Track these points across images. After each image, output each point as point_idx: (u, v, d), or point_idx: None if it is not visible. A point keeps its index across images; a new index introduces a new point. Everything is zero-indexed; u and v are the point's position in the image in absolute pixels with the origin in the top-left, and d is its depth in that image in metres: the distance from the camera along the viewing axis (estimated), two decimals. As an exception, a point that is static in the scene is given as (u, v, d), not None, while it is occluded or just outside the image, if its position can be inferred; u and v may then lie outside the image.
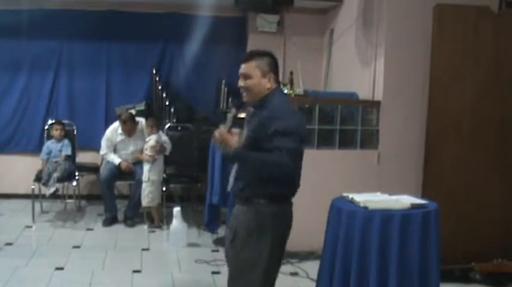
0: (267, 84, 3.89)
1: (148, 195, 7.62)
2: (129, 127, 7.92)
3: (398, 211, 3.66)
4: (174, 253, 6.76)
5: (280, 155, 3.60)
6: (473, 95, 6.41)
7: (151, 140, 7.70)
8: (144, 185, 7.64)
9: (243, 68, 3.92)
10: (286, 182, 3.86)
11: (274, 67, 3.98)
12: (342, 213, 3.74)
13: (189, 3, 8.71)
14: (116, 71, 9.20)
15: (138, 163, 7.89)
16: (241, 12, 9.05)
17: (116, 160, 7.95)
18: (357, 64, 7.46)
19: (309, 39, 9.06)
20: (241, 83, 3.93)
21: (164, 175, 8.03)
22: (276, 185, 3.79)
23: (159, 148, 7.73)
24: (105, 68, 9.17)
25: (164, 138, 7.96)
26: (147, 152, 7.68)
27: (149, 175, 7.63)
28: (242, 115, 4.03)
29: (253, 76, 3.88)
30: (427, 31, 6.46)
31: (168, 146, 7.95)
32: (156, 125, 7.83)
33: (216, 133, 3.73)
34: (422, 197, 4.57)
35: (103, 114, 9.12)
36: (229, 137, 3.75)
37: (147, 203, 7.66)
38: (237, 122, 3.97)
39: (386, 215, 3.62)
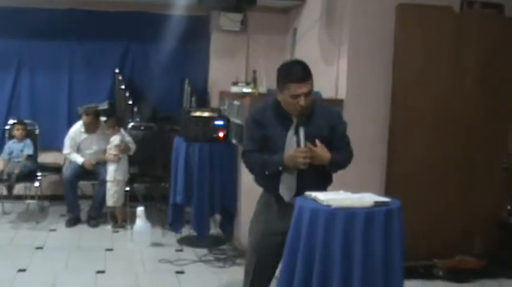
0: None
1: (114, 195, 7.58)
2: (91, 120, 7.85)
3: (362, 209, 3.66)
4: (138, 253, 6.73)
5: (349, 149, 4.35)
6: (436, 94, 6.48)
7: (116, 139, 7.64)
8: (109, 185, 7.59)
9: (305, 87, 4.07)
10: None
11: None
12: (304, 212, 3.73)
13: (152, 2, 8.69)
14: (79, 70, 9.09)
15: (102, 163, 7.83)
16: (205, 11, 9.02)
17: (78, 159, 7.89)
18: (320, 63, 7.47)
19: (272, 38, 9.06)
20: (304, 102, 4.06)
21: (128, 175, 7.98)
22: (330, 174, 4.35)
23: (124, 147, 7.68)
24: (67, 67, 9.06)
25: (128, 138, 7.91)
26: (112, 152, 7.62)
27: (115, 174, 7.58)
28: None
29: (311, 92, 4.15)
30: (390, 30, 6.50)
31: (133, 146, 7.91)
32: (118, 124, 7.78)
33: (302, 153, 4.04)
34: (386, 195, 4.59)
35: (65, 114, 9.01)
36: (318, 150, 4.06)
37: (112, 203, 7.61)
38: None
39: (350, 214, 3.62)
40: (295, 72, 4.13)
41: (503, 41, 6.73)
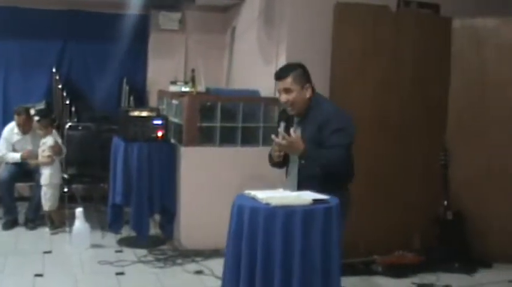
0: (307, 94, 4.31)
1: (50, 198, 7.43)
2: (23, 120, 7.68)
3: (301, 207, 3.69)
4: (77, 255, 6.64)
5: (339, 150, 4.12)
6: (374, 92, 6.56)
7: (49, 140, 7.49)
8: (45, 189, 7.42)
9: (282, 84, 4.31)
10: (345, 174, 4.33)
11: (308, 76, 4.40)
12: (244, 210, 3.73)
13: (90, 1, 8.59)
14: (14, 70, 8.90)
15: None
16: (143, 10, 8.95)
17: (16, 156, 7.71)
18: (258, 61, 7.50)
19: (211, 36, 9.06)
20: (283, 98, 4.31)
21: (66, 176, 7.87)
22: (337, 179, 4.24)
23: (58, 148, 7.55)
24: (2, 66, 8.86)
25: (60, 140, 7.77)
26: (45, 154, 7.46)
27: (51, 178, 7.44)
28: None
29: (293, 90, 4.27)
30: (328, 29, 6.54)
31: (64, 149, 7.78)
32: (51, 125, 7.63)
33: (280, 139, 4.12)
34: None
35: (0, 114, 8.85)
36: (295, 139, 4.11)
37: (49, 208, 7.45)
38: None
39: (289, 211, 3.64)
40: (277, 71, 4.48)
41: (439, 40, 6.85)
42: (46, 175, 7.42)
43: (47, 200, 7.42)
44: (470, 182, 6.84)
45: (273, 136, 4.19)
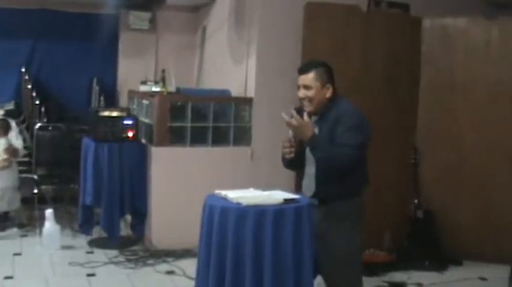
0: (327, 93, 4.18)
1: (9, 202, 7.36)
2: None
3: (272, 206, 3.69)
4: (47, 257, 6.58)
5: (348, 149, 3.96)
6: (344, 92, 6.52)
7: (2, 143, 7.34)
8: (0, 193, 7.35)
9: (303, 79, 4.18)
10: (360, 178, 4.31)
11: (331, 77, 4.25)
12: (215, 210, 3.73)
13: (60, 0, 8.53)
14: (-18, 70, 8.85)
15: None
16: (113, 9, 8.91)
17: None
18: (229, 61, 7.50)
19: (181, 36, 9.05)
20: (301, 94, 4.18)
21: (35, 177, 7.81)
22: (353, 182, 4.20)
23: (12, 151, 7.40)
24: (-29, 66, 8.82)
25: (18, 141, 7.63)
26: (1, 158, 7.33)
27: (7, 182, 7.33)
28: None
29: (313, 87, 4.14)
30: (298, 29, 6.56)
31: (21, 151, 7.65)
32: (5, 128, 7.50)
33: (293, 120, 3.99)
34: (295, 192, 4.63)
35: (-31, 115, 8.76)
36: (305, 122, 4.00)
37: (7, 208, 7.38)
38: None
39: (260, 211, 3.64)
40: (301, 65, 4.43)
41: (409, 39, 6.90)
42: (3, 178, 7.31)
43: (5, 202, 7.32)
44: (440, 181, 6.90)
45: (283, 114, 4.05)
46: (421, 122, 7.00)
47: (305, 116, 4.06)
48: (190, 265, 5.69)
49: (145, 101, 7.29)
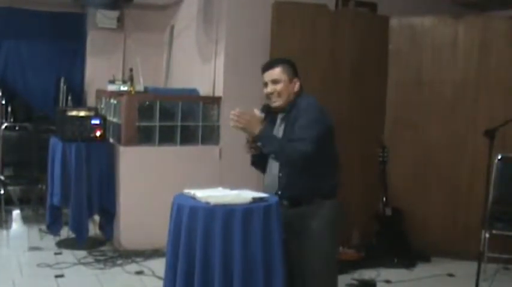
0: (295, 87, 4.20)
1: None
2: None
3: (240, 206, 3.69)
4: (14, 258, 6.51)
5: (300, 143, 3.87)
6: (312, 90, 6.52)
7: None
8: None
9: (270, 74, 4.19)
10: (328, 179, 4.35)
11: (296, 72, 4.28)
12: (183, 209, 3.72)
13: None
14: None
15: None
16: (80, 8, 8.85)
17: None
18: (197, 60, 7.49)
19: (149, 35, 9.00)
20: (270, 89, 4.17)
21: (2, 177, 7.74)
22: (322, 183, 4.25)
23: None
24: None
25: None
26: None
27: None
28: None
29: (281, 80, 4.16)
30: (266, 28, 6.56)
31: None
32: None
33: (240, 114, 3.99)
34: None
35: None
36: (251, 120, 4.00)
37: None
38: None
39: (228, 210, 3.64)
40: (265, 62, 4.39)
41: (377, 38, 6.94)
42: None
43: None
44: (408, 179, 6.96)
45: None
46: (389, 120, 7.06)
47: (255, 111, 4.10)
48: (159, 265, 5.68)
49: (113, 101, 7.25)
